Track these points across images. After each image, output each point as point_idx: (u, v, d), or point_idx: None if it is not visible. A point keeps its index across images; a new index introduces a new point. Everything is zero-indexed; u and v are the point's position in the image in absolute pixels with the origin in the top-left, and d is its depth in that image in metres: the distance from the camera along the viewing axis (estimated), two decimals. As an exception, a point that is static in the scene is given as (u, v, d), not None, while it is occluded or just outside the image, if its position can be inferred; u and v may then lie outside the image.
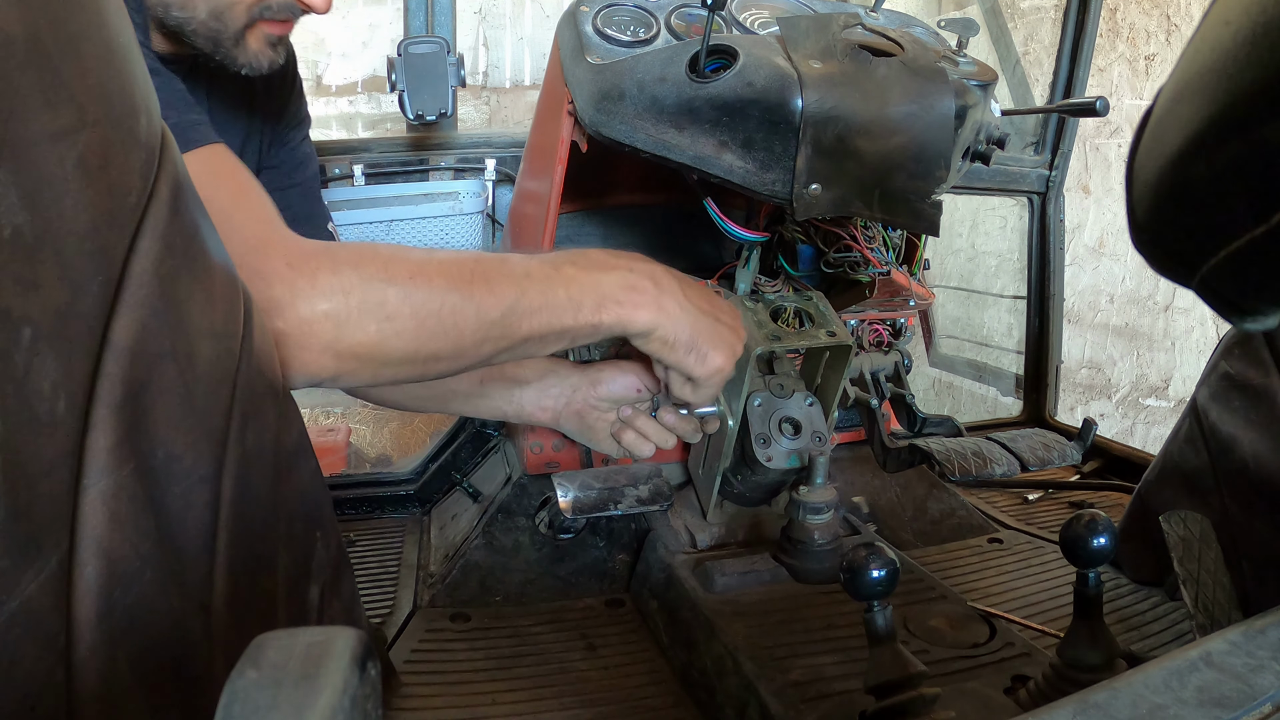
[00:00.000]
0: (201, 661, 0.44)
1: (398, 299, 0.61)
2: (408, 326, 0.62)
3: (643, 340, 0.75)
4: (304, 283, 0.59)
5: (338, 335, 0.60)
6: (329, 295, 0.59)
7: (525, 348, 0.70)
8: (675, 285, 0.76)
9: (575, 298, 0.70)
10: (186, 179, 0.44)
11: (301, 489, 0.59)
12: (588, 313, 0.71)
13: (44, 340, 0.34)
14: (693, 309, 0.76)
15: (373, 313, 0.61)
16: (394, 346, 0.62)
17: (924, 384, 2.91)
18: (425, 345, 0.64)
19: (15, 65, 0.32)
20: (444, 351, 0.65)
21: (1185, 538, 0.81)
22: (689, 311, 0.76)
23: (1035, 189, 1.57)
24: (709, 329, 0.77)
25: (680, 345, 0.76)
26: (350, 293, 0.60)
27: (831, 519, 0.90)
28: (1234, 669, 0.44)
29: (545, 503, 1.05)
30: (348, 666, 0.26)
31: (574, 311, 0.70)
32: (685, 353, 0.76)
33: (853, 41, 0.82)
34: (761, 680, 0.71)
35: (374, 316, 0.61)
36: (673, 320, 0.75)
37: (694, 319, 0.76)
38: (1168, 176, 0.37)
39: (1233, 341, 0.90)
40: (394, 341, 0.62)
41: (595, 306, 0.71)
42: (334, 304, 0.59)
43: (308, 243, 0.63)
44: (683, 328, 0.75)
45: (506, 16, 4.19)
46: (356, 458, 3.18)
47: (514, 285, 0.67)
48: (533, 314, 0.68)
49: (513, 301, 0.67)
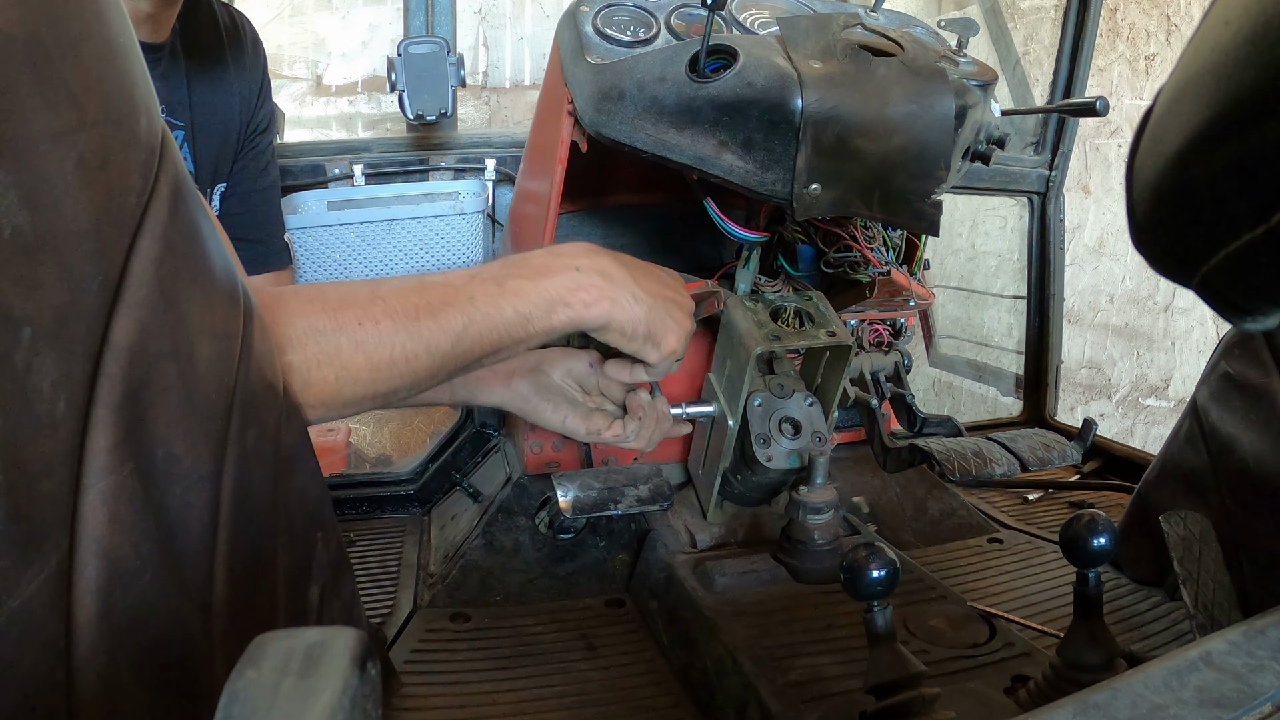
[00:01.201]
0: (201, 661, 0.44)
1: (350, 348, 0.64)
2: (362, 372, 0.65)
3: (600, 333, 0.78)
4: None
5: (302, 386, 0.62)
6: (287, 349, 0.62)
7: (483, 363, 0.72)
8: (625, 275, 0.77)
9: (524, 311, 0.72)
10: (186, 179, 0.44)
11: (301, 489, 0.59)
12: (539, 321, 0.73)
13: (44, 340, 0.34)
14: (645, 297, 0.78)
15: (329, 363, 0.63)
16: (352, 391, 0.65)
17: (924, 384, 2.91)
18: (381, 385, 0.67)
19: (15, 65, 0.32)
20: (401, 386, 0.68)
21: (1185, 538, 0.81)
22: (642, 301, 0.78)
23: (1035, 189, 1.57)
24: (660, 315, 0.79)
25: (638, 335, 0.78)
26: (306, 346, 0.62)
27: (831, 519, 0.90)
28: (1234, 669, 0.44)
29: (545, 503, 1.05)
30: (348, 666, 0.26)
31: (524, 324, 0.72)
32: (642, 341, 0.79)
33: (853, 41, 0.82)
34: (761, 680, 0.71)
35: (331, 366, 0.63)
36: (626, 312, 0.76)
37: (648, 308, 0.78)
38: (1168, 176, 0.37)
39: (1233, 341, 0.90)
40: (351, 387, 0.65)
41: (545, 313, 0.73)
42: (293, 357, 0.62)
43: (263, 294, 0.64)
44: (638, 318, 0.77)
45: (506, 16, 4.19)
46: (356, 458, 3.18)
47: (460, 313, 0.69)
48: (483, 336, 0.70)
49: (460, 329, 0.69)
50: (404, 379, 0.67)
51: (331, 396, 0.65)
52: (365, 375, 0.65)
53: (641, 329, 0.78)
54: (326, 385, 0.64)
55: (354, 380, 0.65)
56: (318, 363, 0.63)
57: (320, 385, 0.64)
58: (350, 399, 0.66)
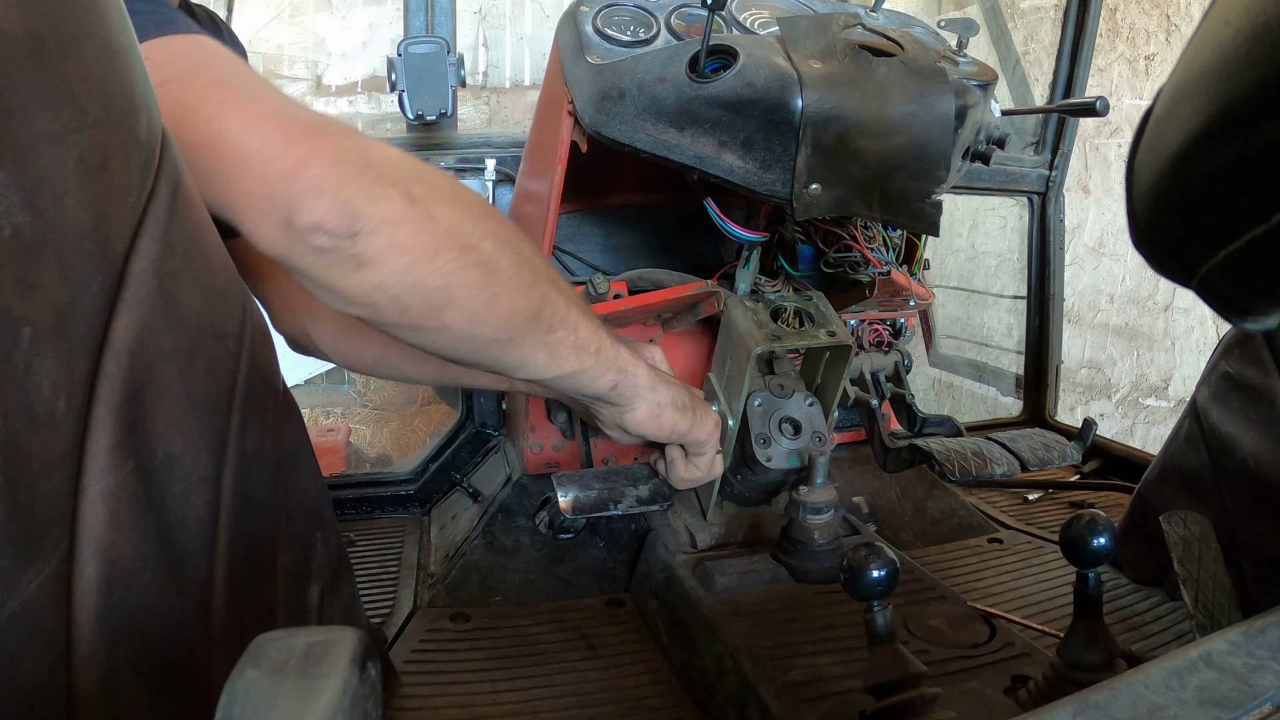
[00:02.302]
0: (201, 661, 0.44)
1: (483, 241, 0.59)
2: (472, 273, 0.59)
3: (651, 407, 0.77)
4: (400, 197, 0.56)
5: (419, 255, 0.56)
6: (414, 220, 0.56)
7: (529, 365, 0.67)
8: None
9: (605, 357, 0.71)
10: (186, 178, 0.44)
11: (301, 489, 0.59)
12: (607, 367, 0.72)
13: (44, 340, 0.34)
14: (669, 378, 0.80)
15: (453, 239, 0.57)
16: (456, 287, 0.58)
17: (924, 384, 2.91)
18: (471, 297, 0.59)
19: (15, 65, 0.32)
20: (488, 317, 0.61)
21: (1185, 538, 0.81)
22: (669, 379, 0.80)
23: (1035, 189, 1.57)
24: (690, 393, 0.81)
25: (685, 408, 0.79)
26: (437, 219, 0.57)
27: (831, 519, 0.90)
28: (1234, 669, 0.44)
29: (545, 503, 1.05)
30: (348, 666, 0.26)
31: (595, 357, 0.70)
32: (693, 413, 0.80)
33: (853, 41, 0.82)
34: (761, 680, 0.71)
35: (454, 244, 0.57)
36: (669, 386, 0.78)
37: (676, 385, 0.80)
38: (1168, 176, 0.37)
39: (1233, 341, 0.90)
40: (460, 279, 0.58)
41: (612, 360, 0.72)
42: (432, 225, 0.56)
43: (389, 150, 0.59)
44: (680, 392, 0.79)
45: (506, 16, 4.19)
46: (356, 458, 3.18)
47: (545, 288, 0.65)
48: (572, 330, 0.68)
49: (542, 305, 0.65)
50: (498, 312, 0.61)
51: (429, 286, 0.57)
52: (473, 277, 0.59)
53: (685, 400, 0.80)
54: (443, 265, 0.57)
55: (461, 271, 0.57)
56: (444, 237, 0.57)
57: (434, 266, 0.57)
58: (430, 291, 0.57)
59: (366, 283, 0.55)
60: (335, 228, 0.52)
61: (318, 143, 0.53)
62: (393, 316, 0.58)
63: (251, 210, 0.52)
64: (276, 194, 0.51)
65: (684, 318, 1.07)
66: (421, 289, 0.57)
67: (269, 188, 0.51)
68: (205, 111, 0.51)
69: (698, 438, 0.82)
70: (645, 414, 0.76)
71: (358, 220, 0.53)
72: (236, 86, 0.54)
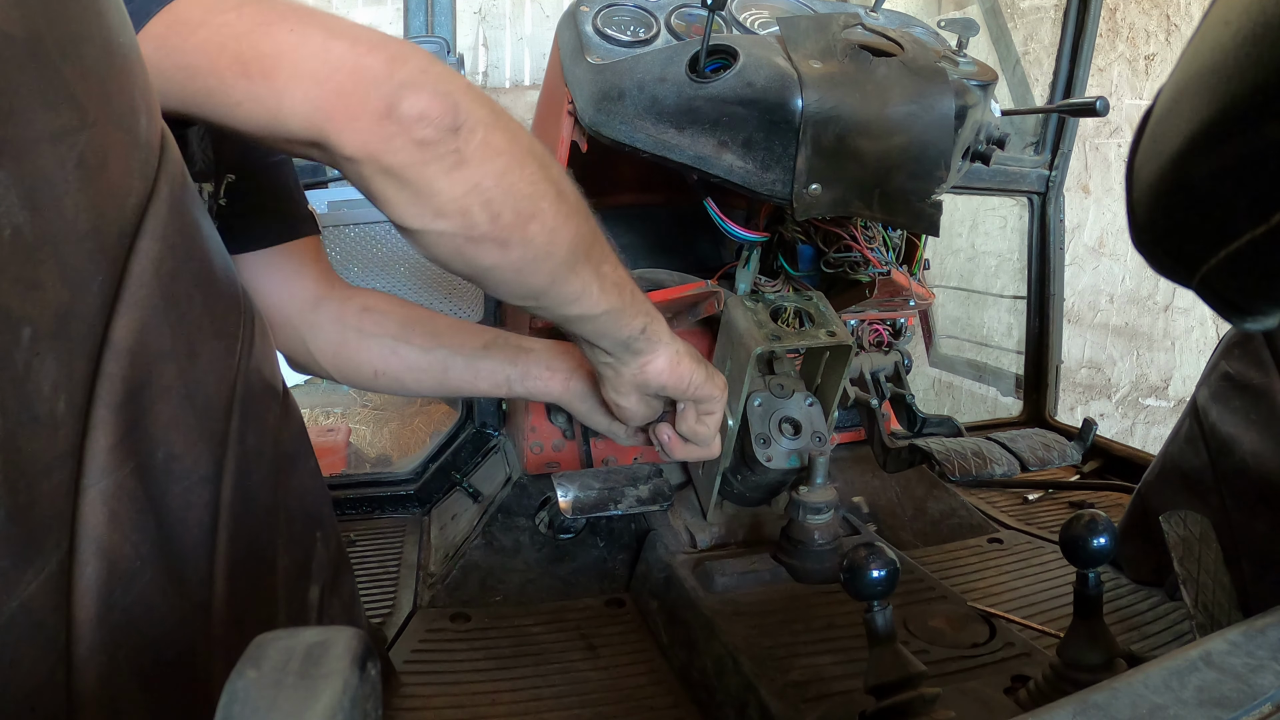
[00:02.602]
0: (201, 661, 0.44)
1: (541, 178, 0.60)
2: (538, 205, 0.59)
3: (671, 356, 0.77)
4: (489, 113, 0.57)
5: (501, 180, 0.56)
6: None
7: (571, 300, 0.67)
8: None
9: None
10: (187, 179, 0.44)
11: (301, 489, 0.59)
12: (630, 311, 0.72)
13: (44, 340, 0.34)
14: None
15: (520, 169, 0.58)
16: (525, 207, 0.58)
17: (924, 384, 2.91)
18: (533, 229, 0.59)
19: (15, 65, 0.32)
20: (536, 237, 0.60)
21: (1185, 538, 0.81)
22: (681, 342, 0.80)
23: (1035, 189, 1.57)
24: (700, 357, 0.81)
25: (699, 360, 0.78)
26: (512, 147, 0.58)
27: (831, 519, 0.90)
28: (1234, 669, 0.44)
29: (545, 503, 1.05)
30: (348, 666, 0.26)
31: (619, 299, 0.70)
32: (704, 366, 0.79)
33: (853, 41, 0.82)
34: (761, 680, 0.71)
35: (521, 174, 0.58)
36: (681, 339, 0.78)
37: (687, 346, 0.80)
38: (1168, 176, 0.37)
39: (1233, 341, 0.90)
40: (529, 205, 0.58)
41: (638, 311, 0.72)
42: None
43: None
44: (690, 346, 0.79)
45: (506, 16, 4.19)
46: (356, 458, 3.18)
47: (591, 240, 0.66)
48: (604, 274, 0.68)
49: (590, 244, 0.65)
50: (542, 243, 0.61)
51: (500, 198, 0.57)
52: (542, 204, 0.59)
53: (697, 354, 0.80)
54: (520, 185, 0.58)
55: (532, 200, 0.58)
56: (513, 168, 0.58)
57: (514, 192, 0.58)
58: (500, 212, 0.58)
59: (465, 182, 0.55)
60: (440, 118, 0.53)
61: (403, 46, 0.54)
62: (483, 225, 0.57)
63: (343, 107, 0.51)
64: (377, 84, 0.51)
65: (684, 318, 1.07)
66: (514, 194, 0.57)
67: (367, 80, 0.51)
68: (288, 22, 0.52)
69: (710, 392, 0.81)
70: (665, 362, 0.76)
71: (460, 114, 0.53)
72: (312, 10, 0.55)
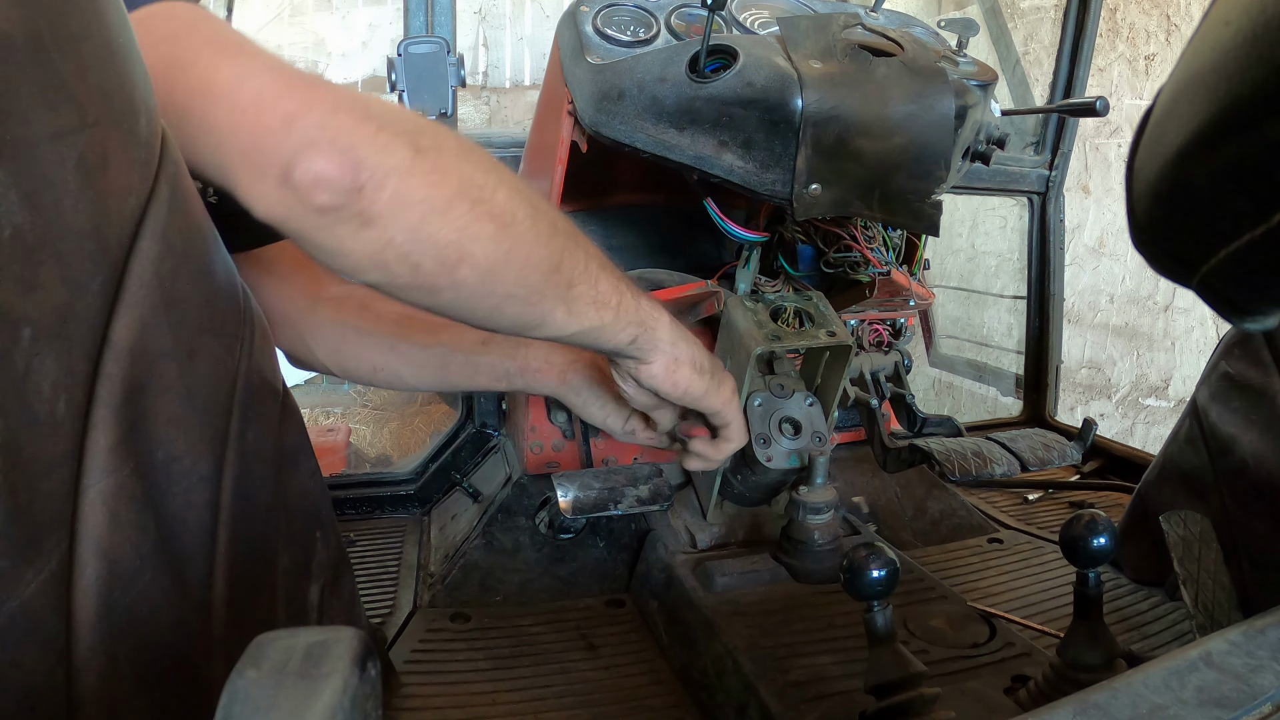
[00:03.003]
0: (201, 661, 0.44)
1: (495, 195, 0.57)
2: (486, 227, 0.56)
3: (669, 362, 0.75)
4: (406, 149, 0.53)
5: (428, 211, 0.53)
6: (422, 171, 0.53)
7: (551, 321, 0.65)
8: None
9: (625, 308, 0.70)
10: (187, 179, 0.44)
11: (301, 489, 0.59)
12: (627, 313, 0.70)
13: (44, 340, 0.34)
14: (692, 340, 0.78)
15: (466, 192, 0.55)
16: (472, 239, 0.55)
17: (924, 384, 2.91)
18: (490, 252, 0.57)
19: (15, 65, 0.32)
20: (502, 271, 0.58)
21: (1185, 538, 0.81)
22: (692, 340, 0.77)
23: (1035, 189, 1.57)
24: (713, 360, 0.79)
25: (703, 370, 0.77)
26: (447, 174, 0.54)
27: (831, 519, 0.90)
28: (1234, 669, 0.44)
29: (545, 503, 1.05)
30: (348, 666, 0.26)
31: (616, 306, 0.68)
32: (710, 378, 0.77)
33: (853, 41, 0.82)
34: (761, 680, 0.71)
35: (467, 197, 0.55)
36: (689, 344, 0.76)
37: (698, 347, 0.77)
38: (1168, 176, 0.37)
39: (1233, 341, 0.90)
40: (476, 232, 0.55)
41: (633, 314, 0.70)
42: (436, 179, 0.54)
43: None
44: (699, 353, 0.77)
45: (506, 16, 4.19)
46: (356, 458, 3.18)
47: (568, 245, 0.64)
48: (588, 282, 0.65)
49: (561, 260, 0.62)
50: (515, 270, 0.59)
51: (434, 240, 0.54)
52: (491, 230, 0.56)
53: (705, 363, 0.78)
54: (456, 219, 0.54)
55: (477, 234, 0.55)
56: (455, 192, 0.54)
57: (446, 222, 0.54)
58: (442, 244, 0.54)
59: (375, 241, 0.52)
60: (338, 180, 0.49)
61: (317, 91, 0.49)
62: (404, 277, 0.55)
63: (246, 167, 0.48)
64: (273, 145, 0.48)
65: (684, 318, 1.07)
66: (434, 244, 0.54)
67: (264, 139, 0.48)
68: (199, 65, 0.48)
69: (711, 404, 0.79)
70: (660, 368, 0.74)
71: (362, 170, 0.49)
72: (232, 43, 0.51)
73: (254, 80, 0.48)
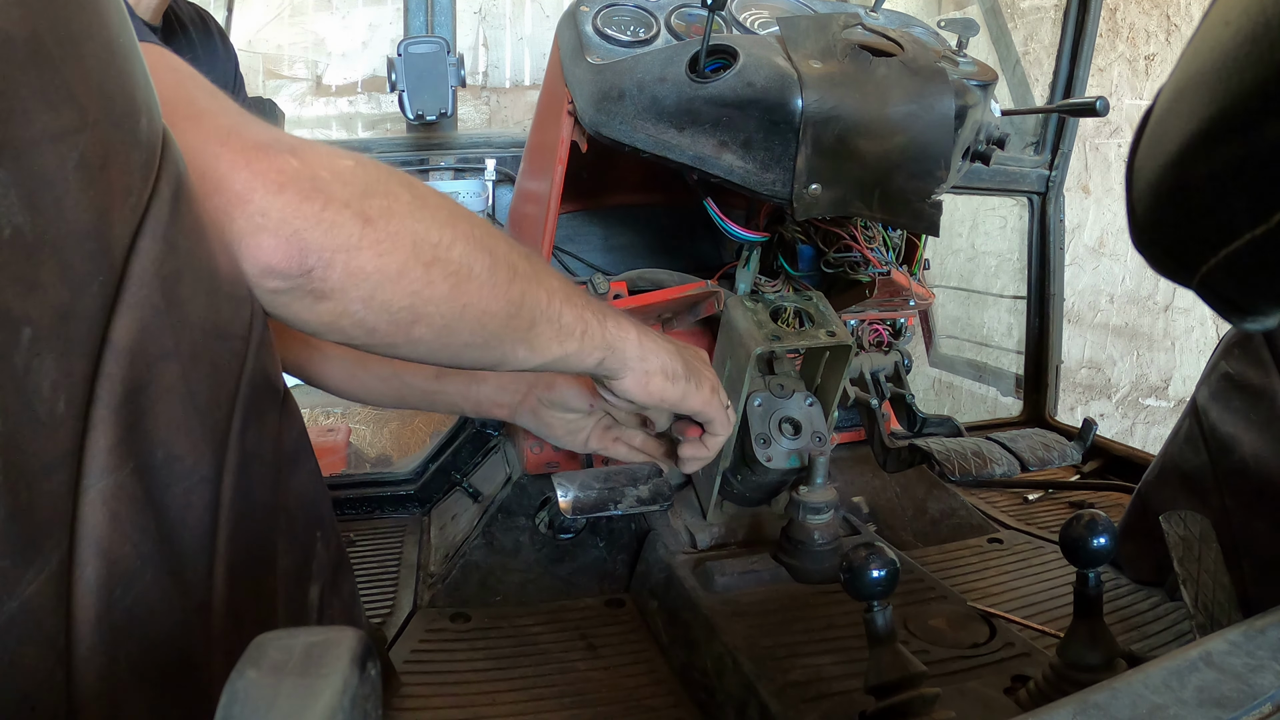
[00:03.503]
0: (201, 661, 0.44)
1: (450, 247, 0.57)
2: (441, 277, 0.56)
3: (639, 376, 0.75)
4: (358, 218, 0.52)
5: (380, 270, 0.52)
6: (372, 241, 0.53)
7: (517, 350, 0.66)
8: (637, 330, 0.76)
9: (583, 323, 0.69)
10: (189, 180, 0.44)
11: (301, 489, 0.59)
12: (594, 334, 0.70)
13: (44, 340, 0.34)
14: (664, 341, 0.77)
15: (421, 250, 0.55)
16: (426, 293, 0.55)
17: (924, 384, 2.91)
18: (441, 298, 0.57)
19: (16, 65, 0.32)
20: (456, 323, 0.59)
21: (1185, 538, 0.81)
22: (666, 347, 0.77)
23: (1035, 189, 1.57)
24: (688, 357, 0.79)
25: (676, 376, 0.76)
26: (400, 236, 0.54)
27: (831, 519, 0.90)
28: (1234, 669, 0.44)
29: (545, 503, 1.05)
30: (348, 666, 0.26)
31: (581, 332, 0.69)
32: (685, 381, 0.77)
33: (853, 41, 0.82)
34: (761, 680, 0.71)
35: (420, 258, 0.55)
36: (660, 354, 0.75)
37: (671, 353, 0.77)
38: (1168, 176, 0.37)
39: (1233, 341, 0.90)
40: (430, 289, 0.55)
41: (596, 330, 0.70)
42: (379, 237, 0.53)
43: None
44: (671, 360, 0.76)
45: (506, 16, 4.19)
46: (356, 458, 3.18)
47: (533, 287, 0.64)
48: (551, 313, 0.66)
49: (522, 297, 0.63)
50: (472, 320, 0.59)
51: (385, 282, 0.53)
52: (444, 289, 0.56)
53: (680, 369, 0.77)
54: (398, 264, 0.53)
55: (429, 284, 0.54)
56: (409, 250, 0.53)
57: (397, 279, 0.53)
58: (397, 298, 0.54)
59: (330, 313, 0.53)
60: (285, 266, 0.49)
61: (258, 168, 0.48)
62: (361, 339, 0.56)
63: None
64: (222, 224, 0.47)
65: (684, 318, 1.07)
66: (388, 309, 0.54)
67: (214, 217, 0.47)
68: (178, 122, 0.47)
69: (692, 405, 0.79)
70: (632, 383, 0.75)
71: (309, 255, 0.49)
72: (191, 101, 0.50)
73: (207, 150, 0.48)
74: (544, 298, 0.65)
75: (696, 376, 0.80)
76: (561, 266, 1.20)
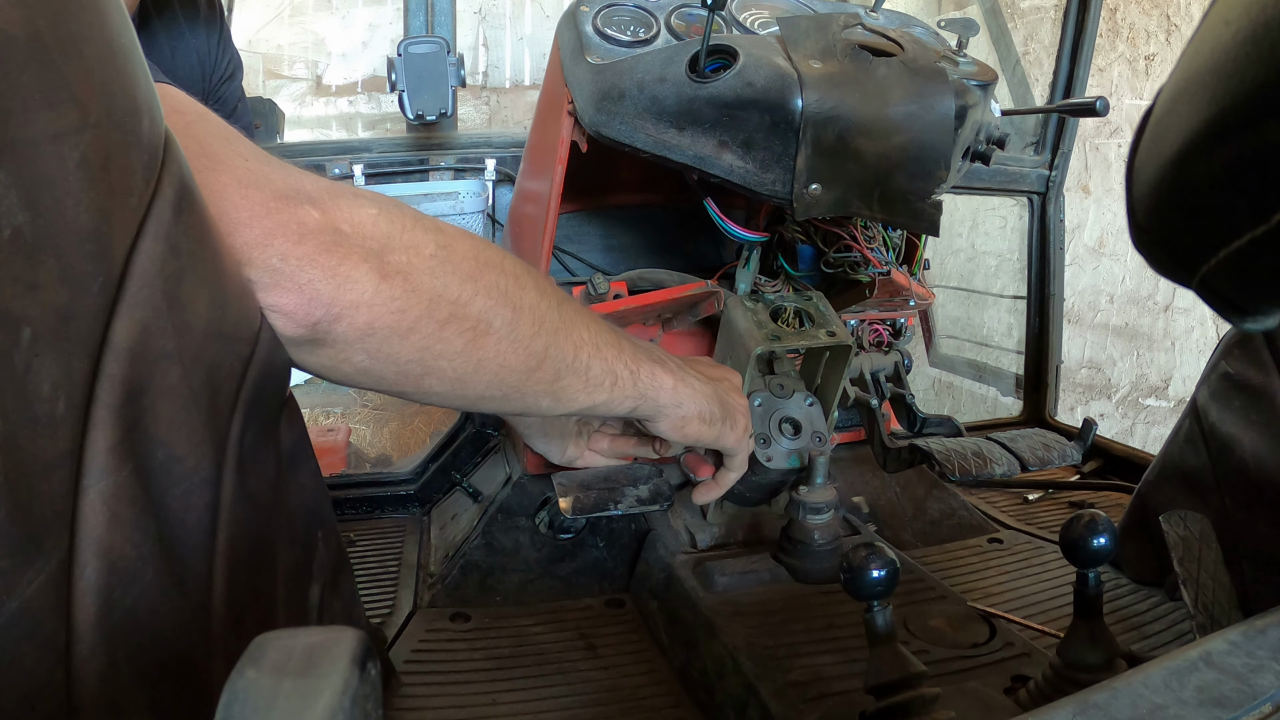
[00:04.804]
0: (201, 661, 0.44)
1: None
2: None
3: (675, 421, 0.75)
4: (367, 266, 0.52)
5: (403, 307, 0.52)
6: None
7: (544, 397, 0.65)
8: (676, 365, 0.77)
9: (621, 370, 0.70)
10: (192, 181, 0.44)
11: (301, 489, 0.59)
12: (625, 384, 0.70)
13: (44, 340, 0.34)
14: (700, 383, 0.78)
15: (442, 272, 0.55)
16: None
17: (924, 384, 2.91)
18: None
19: (16, 65, 0.32)
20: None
21: (1185, 538, 0.81)
22: (698, 388, 0.77)
23: (1035, 189, 1.57)
24: (723, 394, 0.80)
25: (713, 420, 0.77)
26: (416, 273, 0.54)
27: (831, 519, 0.90)
28: (1234, 669, 0.44)
29: (545, 503, 1.05)
30: (348, 666, 0.26)
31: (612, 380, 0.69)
32: (721, 423, 0.78)
33: (853, 41, 0.82)
34: (761, 680, 0.71)
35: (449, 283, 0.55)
36: (697, 399, 0.76)
37: (704, 394, 0.77)
38: (1168, 176, 0.37)
39: (1233, 341, 0.90)
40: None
41: (631, 379, 0.70)
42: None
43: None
44: (708, 403, 0.77)
45: (506, 16, 4.19)
46: (356, 458, 3.18)
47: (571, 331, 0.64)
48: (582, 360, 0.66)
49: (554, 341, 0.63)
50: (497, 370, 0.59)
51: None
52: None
53: (717, 411, 0.78)
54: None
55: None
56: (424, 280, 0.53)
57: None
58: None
59: (333, 358, 0.53)
60: (294, 315, 0.49)
61: (281, 218, 0.48)
62: (365, 384, 0.56)
63: None
64: (239, 267, 0.48)
65: (684, 318, 1.07)
66: (395, 362, 0.54)
67: (232, 256, 0.48)
68: (202, 170, 0.48)
69: (725, 445, 0.81)
70: (667, 427, 0.76)
71: (317, 309, 0.49)
72: (216, 147, 0.49)
73: (230, 196, 0.48)
74: (570, 350, 0.64)
75: (731, 418, 0.80)
76: (561, 266, 1.20)
